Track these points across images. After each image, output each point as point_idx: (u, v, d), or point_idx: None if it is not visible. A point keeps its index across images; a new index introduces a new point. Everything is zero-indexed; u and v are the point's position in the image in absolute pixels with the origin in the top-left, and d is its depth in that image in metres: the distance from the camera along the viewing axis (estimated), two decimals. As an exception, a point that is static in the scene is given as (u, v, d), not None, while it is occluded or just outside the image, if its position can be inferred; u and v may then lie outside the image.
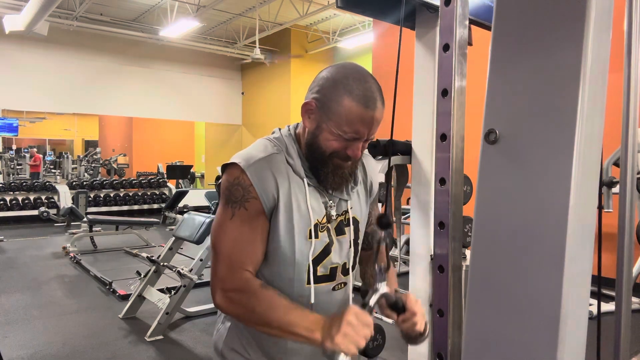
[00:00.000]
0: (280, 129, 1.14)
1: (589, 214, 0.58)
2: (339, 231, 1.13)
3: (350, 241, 1.14)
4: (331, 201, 1.11)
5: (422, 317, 1.03)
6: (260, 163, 1.03)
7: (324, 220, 1.10)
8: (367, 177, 1.21)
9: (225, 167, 1.07)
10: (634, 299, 4.33)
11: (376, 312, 1.02)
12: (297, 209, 1.05)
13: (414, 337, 1.06)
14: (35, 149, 16.81)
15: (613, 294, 0.63)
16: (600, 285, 0.76)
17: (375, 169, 1.26)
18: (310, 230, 1.07)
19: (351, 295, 1.18)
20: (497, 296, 0.61)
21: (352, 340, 0.90)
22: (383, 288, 1.00)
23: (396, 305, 1.03)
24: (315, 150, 1.06)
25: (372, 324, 0.94)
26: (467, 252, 2.45)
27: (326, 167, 1.06)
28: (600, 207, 0.67)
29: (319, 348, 0.93)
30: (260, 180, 1.02)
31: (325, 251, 1.09)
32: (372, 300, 0.98)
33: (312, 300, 1.08)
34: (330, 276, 1.11)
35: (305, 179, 1.07)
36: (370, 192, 1.22)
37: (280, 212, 1.03)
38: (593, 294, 1.33)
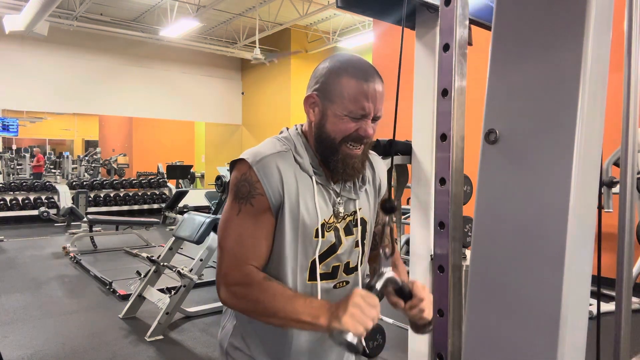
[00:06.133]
0: (287, 129, 1.14)
1: (589, 214, 0.58)
2: (347, 231, 1.12)
3: (356, 241, 1.13)
4: (339, 199, 1.11)
5: (429, 304, 1.00)
6: (267, 159, 1.03)
7: (332, 219, 1.09)
8: (375, 176, 1.20)
9: (234, 164, 1.07)
10: (634, 299, 4.34)
11: (381, 295, 1.01)
12: (304, 208, 1.05)
13: (422, 326, 1.03)
14: (38, 149, 16.84)
15: (613, 294, 0.63)
16: (600, 285, 0.76)
17: (384, 169, 1.25)
18: (317, 229, 1.06)
19: None
20: (497, 296, 0.61)
21: (360, 320, 0.90)
22: (389, 272, 0.98)
23: (402, 291, 1.01)
24: (325, 140, 1.05)
25: (378, 306, 0.94)
26: (467, 252, 2.45)
27: (336, 155, 1.05)
28: (600, 207, 0.67)
29: (325, 332, 0.93)
30: (267, 176, 1.02)
31: (330, 251, 1.09)
32: (379, 284, 0.97)
33: (319, 297, 1.07)
34: (332, 274, 1.11)
35: (313, 177, 1.07)
36: (379, 191, 1.21)
37: (286, 209, 1.03)
38: (593, 294, 1.33)
